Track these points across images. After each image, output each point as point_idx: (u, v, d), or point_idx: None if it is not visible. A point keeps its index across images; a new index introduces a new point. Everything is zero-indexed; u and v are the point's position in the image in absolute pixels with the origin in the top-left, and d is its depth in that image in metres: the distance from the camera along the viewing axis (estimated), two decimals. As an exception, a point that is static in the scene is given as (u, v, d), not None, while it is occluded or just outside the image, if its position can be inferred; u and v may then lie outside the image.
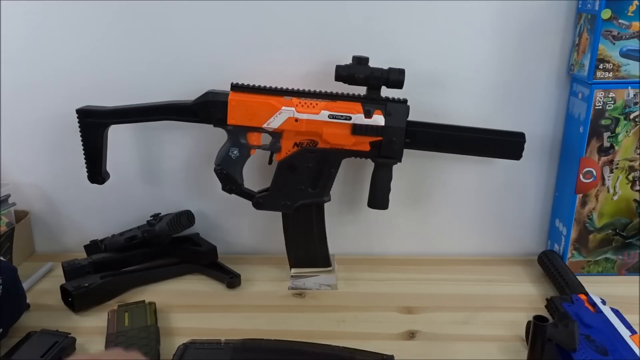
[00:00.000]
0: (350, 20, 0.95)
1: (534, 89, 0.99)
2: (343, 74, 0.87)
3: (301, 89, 0.89)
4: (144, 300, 0.87)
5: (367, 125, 0.88)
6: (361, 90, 0.89)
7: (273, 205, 0.94)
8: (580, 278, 0.92)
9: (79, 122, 0.91)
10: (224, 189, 0.93)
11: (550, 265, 0.97)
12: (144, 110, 0.91)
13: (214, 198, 1.03)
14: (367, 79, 0.87)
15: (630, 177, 0.95)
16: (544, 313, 0.85)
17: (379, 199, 0.93)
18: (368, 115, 0.88)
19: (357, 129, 0.88)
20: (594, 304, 0.82)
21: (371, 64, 0.87)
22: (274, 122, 0.88)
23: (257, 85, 0.88)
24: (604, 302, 0.83)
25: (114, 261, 0.96)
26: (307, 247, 0.97)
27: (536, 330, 0.68)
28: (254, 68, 0.95)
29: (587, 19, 0.91)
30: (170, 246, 1.00)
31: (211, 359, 0.70)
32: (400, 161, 0.91)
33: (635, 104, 0.91)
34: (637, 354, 0.72)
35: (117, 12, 0.94)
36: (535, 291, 0.95)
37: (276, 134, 0.90)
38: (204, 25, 0.95)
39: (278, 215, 0.95)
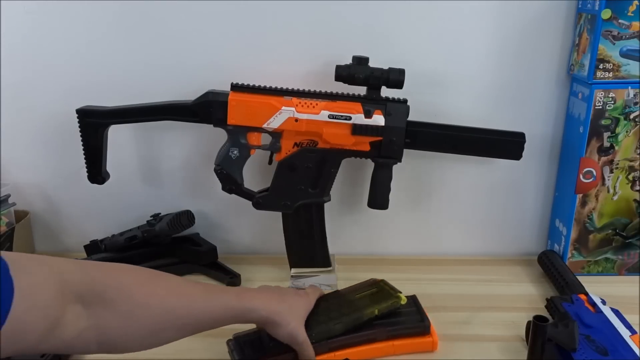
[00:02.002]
0: (350, 20, 0.95)
1: (534, 89, 0.99)
2: (343, 74, 0.87)
3: (301, 89, 0.89)
4: None
5: (367, 125, 0.88)
6: (361, 90, 0.89)
7: (273, 205, 0.94)
8: (580, 278, 0.92)
9: (79, 122, 0.91)
10: (224, 189, 0.93)
11: (550, 265, 0.97)
12: (144, 110, 0.91)
13: (214, 198, 1.03)
14: (367, 79, 0.87)
15: (630, 177, 0.95)
16: (544, 313, 0.85)
17: (379, 199, 0.93)
18: (368, 115, 0.88)
19: (357, 129, 0.88)
20: (594, 304, 0.82)
21: (371, 64, 0.87)
22: (274, 122, 0.88)
23: (257, 85, 0.88)
24: (604, 302, 0.83)
25: (114, 261, 0.96)
26: (307, 247, 0.97)
27: (536, 330, 0.68)
28: (254, 68, 0.95)
29: (587, 19, 0.91)
30: (170, 246, 1.00)
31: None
32: (400, 161, 0.91)
33: (635, 104, 0.91)
34: (637, 354, 0.72)
35: (117, 12, 0.94)
36: (535, 291, 0.95)
37: (276, 134, 0.90)
38: (204, 26, 0.95)
39: (278, 215, 0.95)
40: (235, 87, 0.88)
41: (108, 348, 0.60)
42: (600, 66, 0.90)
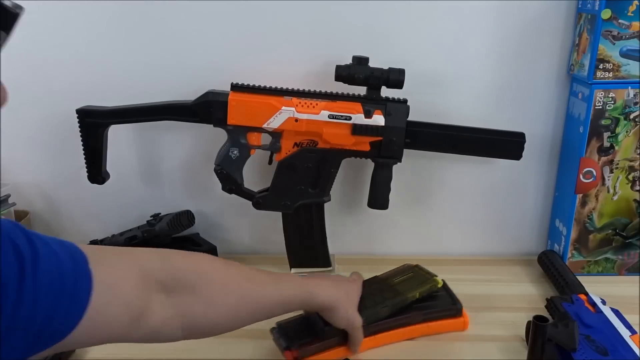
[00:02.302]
0: (350, 20, 0.95)
1: (534, 89, 0.99)
2: (343, 74, 0.87)
3: (301, 89, 0.89)
4: None
5: (367, 125, 0.88)
6: (361, 90, 0.89)
7: (273, 205, 0.94)
8: (580, 278, 0.92)
9: (79, 122, 0.90)
10: (224, 189, 0.93)
11: (550, 265, 0.97)
12: (144, 110, 0.91)
13: (214, 198, 1.03)
14: (367, 79, 0.87)
15: (630, 177, 0.95)
16: (544, 313, 0.85)
17: (379, 199, 0.93)
18: (368, 115, 0.88)
19: (357, 129, 0.88)
20: (594, 304, 0.82)
21: (371, 64, 0.87)
22: (274, 122, 0.88)
23: (257, 85, 0.88)
24: (604, 302, 0.83)
25: (114, 261, 0.96)
26: (307, 247, 0.97)
27: (536, 330, 0.68)
28: (254, 68, 0.95)
29: (587, 19, 0.91)
30: (170, 246, 1.00)
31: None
32: (400, 161, 0.91)
33: (635, 104, 0.91)
34: (637, 354, 0.72)
35: (117, 12, 0.94)
36: (535, 291, 0.95)
37: (276, 134, 0.90)
38: (204, 25, 0.95)
39: (278, 215, 0.95)
40: (235, 87, 0.88)
41: (192, 333, 0.62)
42: (600, 66, 0.90)
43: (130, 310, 0.55)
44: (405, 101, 0.89)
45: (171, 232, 0.99)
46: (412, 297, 0.82)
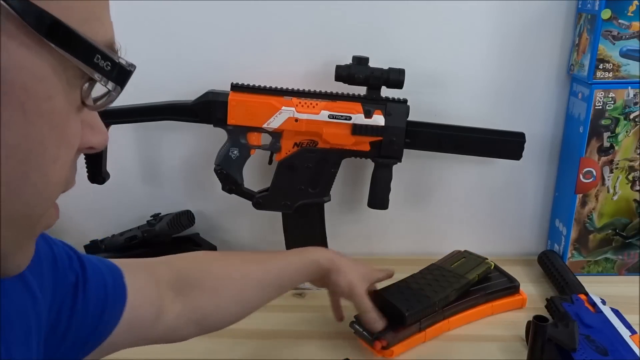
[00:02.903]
0: (350, 20, 0.95)
1: (534, 89, 0.99)
2: (343, 74, 0.87)
3: (301, 89, 0.89)
4: None
5: (367, 125, 0.88)
6: (361, 90, 0.89)
7: (273, 205, 0.94)
8: (580, 278, 0.92)
9: (79, 122, 0.90)
10: (224, 189, 0.93)
11: (550, 265, 0.97)
12: (143, 110, 0.91)
13: (214, 198, 1.02)
14: (367, 79, 0.87)
15: (630, 177, 0.95)
16: (544, 313, 0.85)
17: (379, 199, 0.93)
18: (368, 115, 0.88)
19: (357, 129, 0.88)
20: (594, 304, 0.82)
21: (371, 64, 0.87)
22: (274, 122, 0.88)
23: (257, 85, 0.88)
24: (604, 302, 0.83)
25: (114, 261, 0.96)
26: (307, 247, 0.97)
27: (536, 330, 0.68)
28: (254, 68, 0.95)
29: (587, 19, 0.91)
30: (170, 246, 1.00)
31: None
32: (400, 161, 0.91)
33: (635, 104, 0.91)
34: (637, 354, 0.72)
35: (117, 12, 0.94)
36: (535, 291, 0.95)
37: (276, 134, 0.90)
38: (204, 25, 0.95)
39: (278, 215, 0.95)
40: (235, 87, 0.88)
41: (206, 326, 0.66)
42: (600, 66, 0.90)
43: (154, 309, 0.60)
44: (405, 101, 0.89)
45: (171, 232, 0.98)
46: (472, 280, 0.86)
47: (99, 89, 0.37)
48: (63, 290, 0.52)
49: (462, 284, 0.85)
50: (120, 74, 0.38)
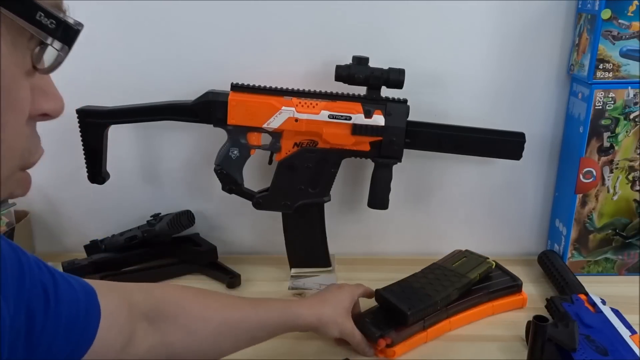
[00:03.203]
0: (350, 20, 0.95)
1: (534, 89, 0.99)
2: (343, 74, 0.87)
3: (301, 89, 0.89)
4: None
5: (367, 125, 0.88)
6: (361, 90, 0.89)
7: (273, 205, 0.94)
8: (580, 278, 0.92)
9: (79, 122, 0.90)
10: (224, 189, 0.93)
11: (550, 265, 0.97)
12: (144, 110, 0.91)
13: (214, 198, 1.03)
14: (367, 79, 0.87)
15: (630, 177, 0.95)
16: (544, 313, 0.85)
17: (379, 199, 0.93)
18: (368, 115, 0.88)
19: (357, 129, 0.88)
20: (594, 304, 0.82)
21: (371, 64, 0.87)
22: (274, 122, 0.88)
23: (257, 85, 0.88)
24: (604, 302, 0.83)
25: (114, 261, 0.96)
26: (307, 247, 0.97)
27: (536, 330, 0.68)
28: (254, 68, 0.95)
29: (587, 19, 0.91)
30: (170, 246, 1.00)
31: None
32: (400, 161, 0.91)
33: (635, 104, 0.91)
34: (637, 354, 0.72)
35: (117, 12, 0.94)
36: (535, 291, 0.95)
37: (276, 134, 0.90)
38: (204, 25, 0.95)
39: (278, 215, 0.95)
40: (235, 87, 0.88)
41: None
42: (600, 66, 0.90)
43: (123, 337, 0.58)
44: (405, 101, 0.89)
45: (171, 232, 0.99)
46: (474, 279, 0.86)
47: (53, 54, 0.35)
48: (32, 293, 0.49)
49: (463, 283, 0.85)
50: (67, 33, 0.37)
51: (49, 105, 0.40)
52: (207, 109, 0.88)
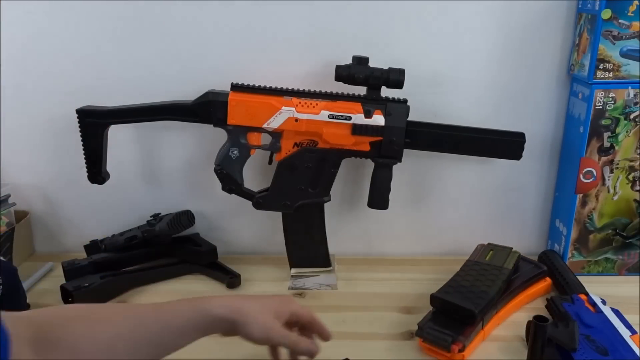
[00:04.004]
0: (350, 20, 0.95)
1: (534, 89, 0.99)
2: (343, 74, 0.87)
3: (301, 89, 0.89)
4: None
5: (367, 125, 0.88)
6: (361, 90, 0.89)
7: (273, 205, 0.94)
8: (580, 278, 0.92)
9: (79, 122, 0.91)
10: (224, 189, 0.93)
11: (550, 265, 0.97)
12: (144, 110, 0.91)
13: (214, 198, 1.02)
14: (367, 79, 0.87)
15: (630, 177, 0.95)
16: (544, 313, 0.85)
17: (379, 199, 0.93)
18: (368, 115, 0.88)
19: (357, 129, 0.88)
20: (594, 304, 0.82)
21: (371, 64, 0.87)
22: (274, 122, 0.88)
23: (257, 85, 0.88)
24: (604, 302, 0.83)
25: (114, 261, 0.96)
26: (307, 247, 0.97)
27: (536, 330, 0.68)
28: (254, 68, 0.95)
29: (587, 19, 0.91)
30: (170, 246, 1.00)
31: None
32: (400, 161, 0.91)
33: (636, 104, 0.91)
34: (637, 354, 0.72)
35: (117, 12, 0.94)
36: (535, 291, 0.95)
37: (276, 134, 0.90)
38: (204, 26, 0.95)
39: (278, 215, 0.95)
40: (235, 87, 0.88)
41: None
42: (601, 66, 0.90)
43: None
44: (405, 101, 0.89)
45: (171, 232, 0.99)
46: (512, 269, 0.88)
47: None
48: None
49: (506, 275, 0.86)
50: None
51: None
52: (207, 109, 0.88)
